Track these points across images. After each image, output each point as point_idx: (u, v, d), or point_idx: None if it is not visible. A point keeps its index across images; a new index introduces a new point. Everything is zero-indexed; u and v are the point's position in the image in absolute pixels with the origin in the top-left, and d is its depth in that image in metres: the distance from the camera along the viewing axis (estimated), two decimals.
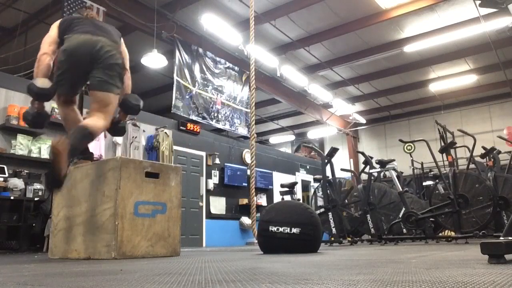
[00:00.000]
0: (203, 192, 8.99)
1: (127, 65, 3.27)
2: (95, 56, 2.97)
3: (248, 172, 8.95)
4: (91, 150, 3.42)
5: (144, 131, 7.80)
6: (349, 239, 6.63)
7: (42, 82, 2.89)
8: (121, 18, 7.62)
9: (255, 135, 4.53)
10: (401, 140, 6.54)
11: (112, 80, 3.03)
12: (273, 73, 10.63)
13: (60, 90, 3.05)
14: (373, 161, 6.66)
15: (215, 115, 9.42)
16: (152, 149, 7.69)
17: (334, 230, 6.17)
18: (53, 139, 2.80)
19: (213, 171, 9.35)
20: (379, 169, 6.45)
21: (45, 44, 3.09)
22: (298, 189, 11.51)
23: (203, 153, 9.20)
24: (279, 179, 10.76)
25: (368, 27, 9.01)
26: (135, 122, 7.52)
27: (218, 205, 9.37)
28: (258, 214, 4.08)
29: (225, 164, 9.67)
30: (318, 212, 6.02)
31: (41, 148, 6.03)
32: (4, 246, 5.46)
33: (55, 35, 3.12)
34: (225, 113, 9.73)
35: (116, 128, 3.38)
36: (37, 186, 5.78)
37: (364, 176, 7.29)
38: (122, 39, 3.29)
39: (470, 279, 1.07)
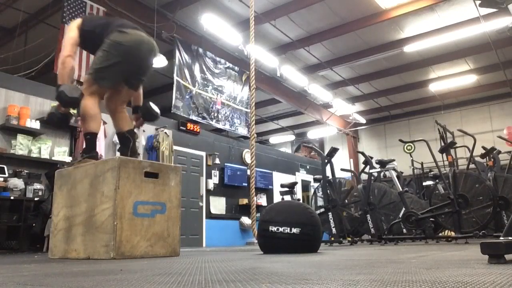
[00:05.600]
0: (203, 192, 8.99)
1: None
2: (149, 56, 3.14)
3: (248, 172, 8.94)
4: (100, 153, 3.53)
5: (144, 131, 7.79)
6: (349, 239, 6.63)
7: (71, 90, 2.97)
8: (121, 18, 7.62)
9: (255, 135, 4.53)
10: (401, 140, 6.53)
11: (144, 80, 3.34)
12: (273, 73, 10.63)
13: (103, 83, 3.11)
14: (373, 161, 6.66)
15: (215, 115, 9.41)
16: (152, 149, 7.69)
17: (334, 230, 6.17)
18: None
19: (213, 171, 9.35)
20: (379, 169, 6.44)
21: (68, 46, 3.11)
22: (298, 189, 11.51)
23: (203, 153, 9.19)
24: (279, 179, 10.75)
25: (368, 27, 9.01)
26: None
27: (218, 205, 9.37)
28: (258, 214, 4.08)
29: (225, 164, 9.67)
30: (318, 212, 6.02)
31: (41, 148, 6.03)
32: (4, 246, 5.46)
33: (76, 36, 3.14)
34: (225, 113, 9.73)
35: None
36: (37, 186, 5.77)
37: (364, 176, 7.29)
38: None
39: (470, 279, 1.07)
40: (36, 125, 5.96)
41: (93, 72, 3.08)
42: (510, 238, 1.62)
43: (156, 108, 3.51)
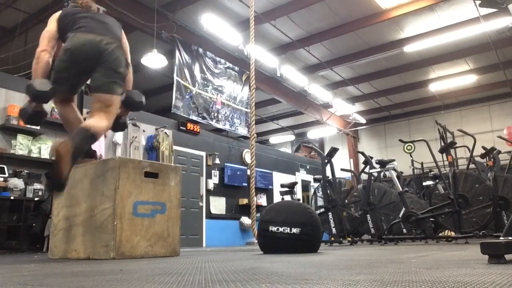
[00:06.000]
0: (203, 192, 8.99)
1: (129, 59, 3.20)
2: (99, 57, 2.90)
3: (248, 172, 8.94)
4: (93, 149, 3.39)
5: (144, 131, 7.80)
6: (349, 239, 6.63)
7: (40, 84, 2.84)
8: (121, 18, 7.60)
9: (255, 135, 4.53)
10: (401, 140, 6.54)
11: (116, 81, 2.98)
12: (273, 73, 10.63)
13: (59, 89, 2.98)
14: (373, 161, 6.66)
15: (215, 115, 9.41)
16: (152, 149, 7.69)
17: (334, 230, 6.17)
18: (55, 141, 2.82)
19: (213, 171, 9.35)
20: (379, 169, 6.45)
21: (44, 40, 3.02)
22: (298, 189, 11.51)
23: (203, 153, 9.19)
24: (279, 179, 10.75)
25: (368, 27, 9.01)
26: (135, 122, 7.52)
27: (218, 205, 9.37)
28: (258, 214, 4.08)
29: (225, 164, 9.67)
30: (318, 212, 6.02)
31: (41, 148, 6.03)
32: (4, 246, 5.46)
33: (54, 30, 3.06)
34: (225, 113, 9.73)
35: (117, 124, 3.31)
36: (37, 186, 5.78)
37: (364, 176, 7.29)
38: (122, 31, 3.21)
39: (470, 279, 1.07)
40: None
41: (52, 78, 3.01)
42: (510, 238, 1.62)
43: (139, 97, 3.29)
